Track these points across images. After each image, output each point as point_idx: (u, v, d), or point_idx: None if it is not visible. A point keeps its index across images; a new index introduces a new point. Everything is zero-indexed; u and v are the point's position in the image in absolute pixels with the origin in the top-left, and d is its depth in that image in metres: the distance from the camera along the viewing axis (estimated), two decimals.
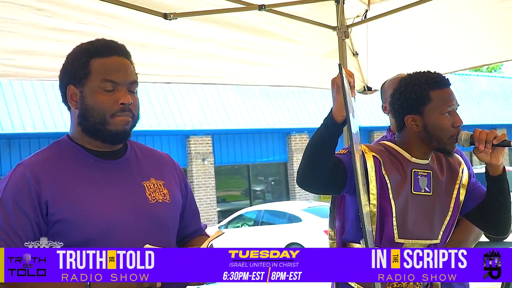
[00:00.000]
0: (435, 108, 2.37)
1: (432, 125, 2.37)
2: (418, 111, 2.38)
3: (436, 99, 2.37)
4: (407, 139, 2.45)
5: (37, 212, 1.88)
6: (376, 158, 2.38)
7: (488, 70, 36.64)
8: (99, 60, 1.96)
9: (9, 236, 1.86)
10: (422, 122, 2.39)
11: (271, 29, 4.01)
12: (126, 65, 1.99)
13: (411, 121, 2.40)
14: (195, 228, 2.23)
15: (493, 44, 4.14)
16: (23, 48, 3.23)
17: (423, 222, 2.44)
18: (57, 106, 16.69)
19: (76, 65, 1.97)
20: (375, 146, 2.48)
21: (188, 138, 19.52)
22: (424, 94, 2.37)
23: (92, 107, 1.95)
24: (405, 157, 2.43)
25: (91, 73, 1.95)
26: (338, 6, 3.97)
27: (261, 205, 17.14)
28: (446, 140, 2.38)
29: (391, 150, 2.45)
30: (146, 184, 2.03)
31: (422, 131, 2.39)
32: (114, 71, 1.96)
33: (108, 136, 1.97)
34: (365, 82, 4.65)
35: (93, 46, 1.99)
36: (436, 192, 2.46)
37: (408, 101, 2.40)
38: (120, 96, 1.94)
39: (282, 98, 21.04)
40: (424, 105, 2.37)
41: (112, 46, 2.00)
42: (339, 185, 2.34)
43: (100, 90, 1.94)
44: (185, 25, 3.65)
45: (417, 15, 3.97)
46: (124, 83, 1.96)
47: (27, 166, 1.93)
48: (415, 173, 2.43)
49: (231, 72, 4.25)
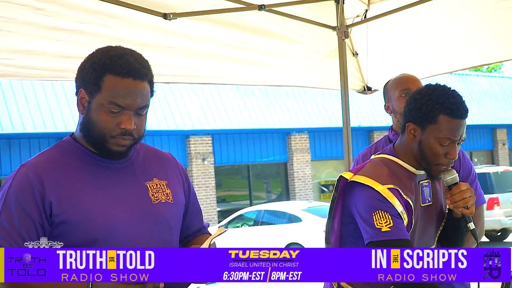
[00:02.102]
0: (436, 132, 2.30)
1: (427, 145, 2.32)
2: (421, 125, 2.33)
3: (442, 125, 2.29)
4: (406, 146, 2.39)
5: (40, 213, 1.88)
6: (394, 189, 2.29)
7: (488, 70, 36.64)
8: (113, 79, 1.90)
9: (12, 236, 1.86)
10: (420, 136, 2.33)
11: (271, 29, 4.01)
12: (138, 89, 1.93)
13: (411, 130, 2.35)
14: (198, 227, 2.23)
15: (493, 44, 4.14)
16: (23, 48, 3.23)
17: (426, 232, 2.43)
18: (57, 106, 16.71)
19: (90, 75, 1.92)
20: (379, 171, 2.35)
21: (188, 138, 19.52)
22: (433, 113, 2.29)
23: (94, 122, 1.93)
24: (410, 171, 2.38)
25: (102, 90, 1.90)
26: (338, 6, 3.98)
27: (261, 205, 17.14)
28: (433, 166, 2.33)
29: (395, 168, 2.38)
30: (149, 185, 2.03)
31: (416, 145, 2.34)
32: (123, 96, 1.90)
33: (106, 152, 1.96)
34: (365, 82, 4.65)
35: (111, 61, 1.91)
36: (434, 200, 2.45)
37: (416, 111, 2.33)
38: (123, 121, 1.91)
39: (282, 98, 21.04)
40: (429, 123, 2.31)
41: (130, 68, 1.91)
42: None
43: (106, 110, 1.91)
44: (185, 25, 3.65)
45: (417, 15, 3.97)
46: (130, 108, 1.92)
47: (31, 167, 1.93)
48: (421, 185, 2.39)
49: (231, 72, 4.25)
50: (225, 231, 1.99)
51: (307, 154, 21.90)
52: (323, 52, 4.33)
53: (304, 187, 21.76)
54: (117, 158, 1.98)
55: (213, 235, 1.96)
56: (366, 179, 2.31)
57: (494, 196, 15.32)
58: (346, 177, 2.38)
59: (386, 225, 2.24)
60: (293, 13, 3.91)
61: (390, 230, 2.24)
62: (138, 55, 1.97)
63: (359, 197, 2.32)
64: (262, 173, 21.92)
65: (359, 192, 2.33)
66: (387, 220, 2.24)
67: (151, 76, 1.99)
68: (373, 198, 2.27)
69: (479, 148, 26.62)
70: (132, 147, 2.00)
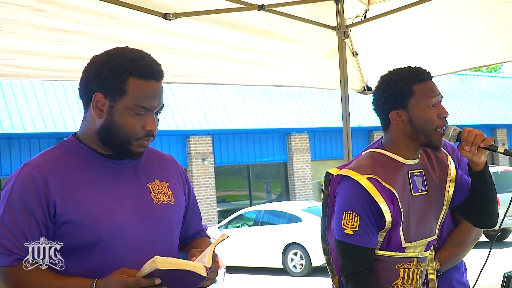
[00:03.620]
0: (419, 101, 2.34)
1: (418, 118, 2.34)
2: (403, 106, 2.35)
3: (420, 92, 2.34)
4: (394, 138, 2.41)
5: (44, 212, 1.88)
6: (372, 179, 2.32)
7: (488, 70, 36.64)
8: (138, 82, 1.92)
9: (16, 236, 1.86)
10: (407, 116, 2.35)
11: (271, 29, 4.01)
12: (160, 91, 1.98)
13: (396, 117, 2.37)
14: (197, 230, 2.24)
15: (493, 45, 4.13)
16: (23, 48, 3.23)
17: (423, 222, 2.43)
18: (57, 106, 16.71)
19: (113, 79, 1.92)
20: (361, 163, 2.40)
21: (188, 138, 19.51)
22: (407, 88, 2.35)
23: (119, 126, 1.93)
24: (398, 161, 2.39)
25: (127, 93, 1.92)
26: (338, 6, 3.98)
27: (261, 205, 17.13)
28: (432, 132, 2.35)
29: (381, 159, 2.40)
30: (151, 186, 2.04)
31: (408, 126, 2.36)
32: (149, 98, 1.94)
33: (126, 154, 1.98)
34: (365, 82, 4.65)
35: (134, 65, 1.92)
36: (430, 189, 2.45)
37: (391, 97, 2.37)
38: (148, 123, 1.95)
39: (282, 98, 21.04)
40: (408, 99, 2.35)
41: (152, 71, 1.95)
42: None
43: (132, 113, 1.93)
44: (185, 25, 3.65)
45: (417, 16, 3.97)
46: (155, 108, 1.96)
47: (34, 166, 1.93)
48: (411, 174, 2.40)
49: (231, 72, 4.25)
50: (227, 237, 1.98)
51: (307, 154, 21.90)
52: (323, 52, 4.33)
53: (304, 187, 21.76)
54: (136, 158, 2.00)
55: (216, 241, 1.95)
56: (347, 171, 2.36)
57: None
58: (332, 173, 2.42)
59: (351, 228, 2.31)
60: (293, 13, 3.91)
61: (352, 234, 2.30)
62: (152, 57, 2.01)
63: (342, 190, 2.37)
64: (262, 173, 21.91)
65: (342, 185, 2.38)
66: (354, 223, 2.30)
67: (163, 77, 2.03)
68: (353, 192, 2.31)
69: None
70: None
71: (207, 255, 1.89)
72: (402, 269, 2.39)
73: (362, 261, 2.33)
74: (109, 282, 1.81)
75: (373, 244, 2.33)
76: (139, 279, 1.79)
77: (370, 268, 2.35)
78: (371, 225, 2.31)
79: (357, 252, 2.31)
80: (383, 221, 2.32)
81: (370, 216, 2.30)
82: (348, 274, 2.34)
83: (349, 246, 2.31)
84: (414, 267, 2.41)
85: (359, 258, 2.33)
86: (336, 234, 2.36)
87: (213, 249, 1.91)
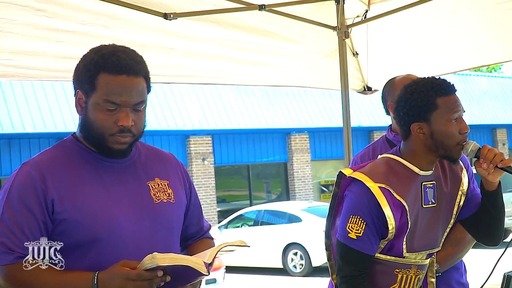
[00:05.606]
0: (442, 115, 2.30)
1: (439, 132, 2.31)
2: (425, 119, 2.32)
3: (443, 106, 2.30)
4: (413, 148, 2.37)
5: (43, 210, 1.88)
6: (384, 188, 2.30)
7: (488, 70, 36.63)
8: (107, 77, 1.90)
9: (15, 234, 1.86)
10: (429, 129, 2.32)
11: (271, 29, 4.01)
12: (133, 85, 1.92)
13: (418, 129, 2.34)
14: (197, 228, 2.23)
15: (493, 44, 4.13)
16: (23, 49, 3.23)
17: (429, 234, 2.42)
18: (57, 106, 16.70)
19: (85, 75, 1.93)
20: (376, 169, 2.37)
21: (188, 138, 19.51)
22: (430, 101, 2.31)
23: (92, 122, 1.93)
24: (413, 171, 2.36)
25: (96, 89, 1.91)
26: (338, 6, 3.98)
27: (261, 205, 17.12)
28: (453, 147, 2.32)
29: (396, 167, 2.37)
30: (150, 184, 2.04)
31: (429, 139, 2.33)
32: (117, 93, 1.90)
33: (106, 150, 1.97)
34: (365, 82, 4.65)
35: (103, 60, 1.91)
36: (440, 202, 2.42)
37: (414, 109, 2.33)
38: (120, 118, 1.91)
39: (282, 98, 21.03)
40: (431, 112, 2.31)
41: (123, 65, 1.90)
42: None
43: (102, 108, 1.91)
44: (185, 25, 3.65)
45: (417, 16, 3.97)
46: (127, 105, 1.92)
47: (33, 165, 1.93)
48: (424, 186, 2.38)
49: (231, 72, 4.25)
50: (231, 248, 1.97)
51: (307, 154, 21.90)
52: (323, 52, 4.33)
53: (304, 187, 21.75)
54: (118, 156, 1.98)
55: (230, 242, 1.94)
56: (360, 175, 2.34)
57: None
58: (345, 173, 2.40)
59: (355, 232, 2.30)
60: (294, 13, 3.91)
61: (355, 239, 2.29)
62: (131, 51, 1.97)
63: (350, 192, 2.36)
64: (262, 173, 21.91)
65: (353, 188, 2.36)
66: (359, 228, 2.29)
67: (146, 72, 1.98)
68: (362, 197, 2.30)
69: None
70: (133, 145, 2.01)
71: (209, 252, 1.89)
72: (400, 274, 2.39)
73: (360, 266, 2.33)
74: (110, 274, 1.81)
75: (373, 252, 2.33)
76: (141, 272, 1.79)
77: (366, 272, 2.35)
78: (375, 233, 2.30)
79: (357, 257, 2.31)
80: (387, 231, 2.31)
81: (376, 224, 2.29)
82: (344, 276, 2.35)
83: (350, 250, 2.31)
84: (412, 274, 2.41)
85: (357, 263, 2.33)
86: (339, 235, 2.36)
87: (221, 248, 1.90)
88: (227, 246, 1.92)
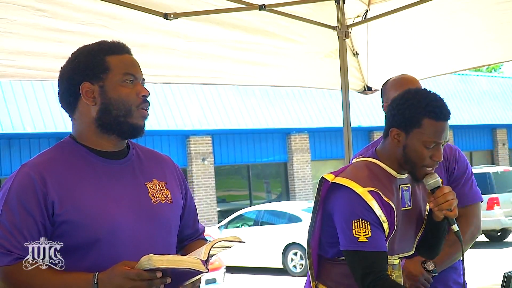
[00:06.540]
0: (421, 136, 2.28)
1: (412, 149, 2.30)
2: (405, 130, 2.31)
3: (427, 128, 2.28)
4: (389, 151, 2.38)
5: (43, 212, 1.88)
6: (373, 192, 2.28)
7: (488, 70, 36.64)
8: (115, 57, 2.01)
9: (14, 236, 1.86)
10: (404, 141, 2.31)
11: (272, 29, 4.01)
12: (136, 62, 2.06)
13: (395, 135, 2.33)
14: (193, 230, 2.25)
15: (493, 44, 4.14)
16: (23, 49, 3.23)
17: (406, 237, 2.43)
18: (57, 106, 16.65)
19: (93, 62, 1.99)
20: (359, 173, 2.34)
21: (188, 138, 19.51)
22: (417, 117, 2.28)
23: (116, 99, 1.98)
24: (391, 174, 2.37)
25: (111, 68, 1.99)
26: (339, 6, 3.98)
27: (261, 205, 17.12)
28: (418, 168, 2.32)
29: (376, 170, 2.37)
30: (148, 185, 2.05)
31: (401, 149, 2.33)
32: (132, 66, 2.02)
33: (128, 129, 2.00)
34: (365, 82, 4.66)
35: (105, 45, 2.03)
36: (414, 204, 2.44)
37: (400, 116, 2.32)
38: (140, 89, 2.01)
39: (282, 98, 21.04)
40: (413, 127, 2.29)
41: (122, 46, 2.06)
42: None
43: (123, 83, 1.99)
44: (185, 25, 3.65)
45: (417, 15, 3.97)
46: (139, 78, 2.03)
47: (32, 167, 1.93)
48: (401, 189, 2.39)
49: (231, 72, 4.25)
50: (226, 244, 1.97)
51: (307, 154, 21.90)
52: (324, 52, 4.33)
53: (304, 187, 21.75)
54: (138, 135, 2.02)
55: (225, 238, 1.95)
56: (347, 181, 2.31)
57: (494, 196, 15.31)
58: (327, 179, 2.37)
59: (364, 235, 2.25)
60: (294, 13, 3.91)
61: (367, 241, 2.24)
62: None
63: (340, 200, 2.32)
64: (262, 173, 21.91)
65: (340, 194, 2.32)
66: (366, 230, 2.24)
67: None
68: (355, 202, 2.27)
69: (479, 148, 26.61)
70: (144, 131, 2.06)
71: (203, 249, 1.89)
72: None
73: (381, 265, 2.28)
74: (111, 274, 1.82)
75: (386, 247, 2.29)
76: (141, 272, 1.79)
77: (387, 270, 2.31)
78: (380, 229, 2.28)
79: (376, 257, 2.26)
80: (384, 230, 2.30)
81: (376, 221, 2.27)
82: (371, 281, 2.26)
83: (367, 254, 2.25)
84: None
85: (378, 263, 2.27)
86: (346, 245, 2.29)
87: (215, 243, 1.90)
88: (221, 242, 1.93)
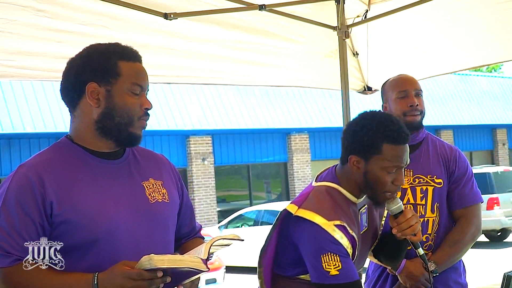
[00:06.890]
0: (382, 162, 2.25)
1: (373, 176, 2.27)
2: (364, 157, 2.28)
3: (387, 153, 2.25)
4: (348, 177, 2.35)
5: (41, 213, 1.88)
6: (340, 226, 2.25)
7: (488, 70, 36.64)
8: (127, 64, 2.00)
9: (13, 237, 1.86)
10: (364, 168, 2.28)
11: (272, 29, 4.01)
12: (146, 72, 2.06)
13: (355, 162, 2.30)
14: (189, 229, 2.26)
15: (493, 44, 4.14)
16: (23, 49, 3.23)
17: (362, 258, 2.45)
18: (57, 106, 16.70)
19: (104, 64, 1.98)
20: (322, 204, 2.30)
21: (188, 138, 19.51)
22: (376, 144, 2.25)
23: (121, 107, 1.97)
24: (351, 201, 2.35)
25: (122, 74, 1.98)
26: (339, 6, 3.98)
27: (261, 205, 17.11)
28: (380, 193, 2.29)
29: (337, 197, 2.33)
30: (145, 184, 2.05)
31: (361, 176, 2.30)
32: (141, 77, 2.02)
33: (126, 138, 2.00)
34: (365, 82, 4.66)
35: (120, 49, 2.02)
36: (370, 224, 2.44)
37: (358, 143, 2.28)
38: (144, 102, 2.01)
39: (282, 98, 21.04)
40: (372, 154, 2.26)
41: (135, 53, 2.05)
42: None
43: (130, 92, 1.98)
44: (185, 25, 3.65)
45: (417, 15, 3.97)
46: (145, 89, 2.03)
47: (30, 168, 1.93)
48: (360, 213, 2.38)
49: (231, 72, 4.25)
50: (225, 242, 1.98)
51: (307, 154, 21.90)
52: (324, 52, 4.33)
53: (304, 187, 21.66)
54: (135, 144, 2.03)
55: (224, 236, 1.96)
56: (311, 215, 2.26)
57: (494, 196, 15.32)
58: (290, 211, 2.33)
59: (335, 268, 2.22)
60: (294, 13, 3.91)
61: (339, 273, 2.21)
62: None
63: (305, 235, 2.28)
64: (262, 173, 21.91)
65: (305, 228, 2.28)
66: (336, 262, 2.21)
67: None
68: (321, 237, 2.23)
69: (479, 148, 26.62)
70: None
71: (203, 247, 1.89)
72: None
73: None
74: (111, 274, 1.82)
75: (357, 275, 2.28)
76: (141, 272, 1.79)
77: None
78: (349, 258, 2.27)
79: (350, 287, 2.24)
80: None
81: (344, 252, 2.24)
82: None
83: (340, 286, 2.23)
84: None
85: None
86: (319, 279, 2.25)
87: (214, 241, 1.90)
88: (220, 240, 1.94)
